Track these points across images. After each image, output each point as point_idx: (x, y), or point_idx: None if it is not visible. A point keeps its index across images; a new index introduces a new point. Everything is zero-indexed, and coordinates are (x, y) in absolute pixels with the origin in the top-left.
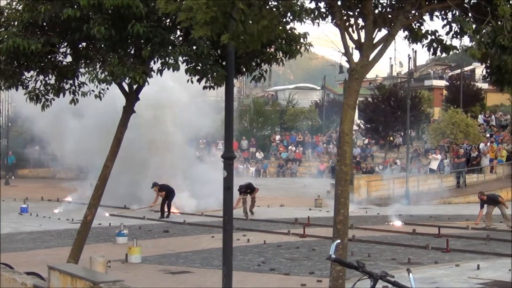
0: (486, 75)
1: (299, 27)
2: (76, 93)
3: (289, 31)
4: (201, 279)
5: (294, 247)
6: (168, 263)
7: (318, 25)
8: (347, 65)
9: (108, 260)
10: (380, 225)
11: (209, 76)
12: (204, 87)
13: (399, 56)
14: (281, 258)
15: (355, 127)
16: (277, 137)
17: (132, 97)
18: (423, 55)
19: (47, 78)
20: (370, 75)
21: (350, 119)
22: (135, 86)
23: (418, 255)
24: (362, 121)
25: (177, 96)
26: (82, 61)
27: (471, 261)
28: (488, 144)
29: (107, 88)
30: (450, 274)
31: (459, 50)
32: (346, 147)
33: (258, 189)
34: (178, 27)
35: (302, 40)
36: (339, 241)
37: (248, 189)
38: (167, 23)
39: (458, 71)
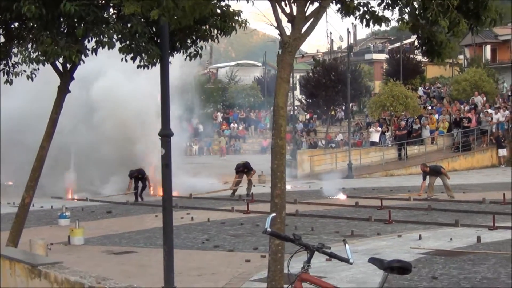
0: (418, 46)
1: (234, 4)
2: (10, 74)
3: (224, 8)
4: (144, 258)
5: (238, 224)
6: (111, 244)
7: (253, 3)
8: None
9: (50, 243)
10: (323, 199)
11: (143, 54)
12: (139, 66)
13: (338, 31)
14: (225, 235)
15: (297, 103)
16: (219, 115)
17: (66, 77)
18: (363, 30)
19: None
20: (311, 50)
21: (284, 92)
22: (69, 66)
23: (361, 227)
24: (303, 96)
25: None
26: (15, 41)
27: (413, 231)
28: (429, 116)
29: (38, 69)
30: (392, 245)
31: (390, 22)
32: (281, 120)
33: (255, 170)
34: (111, 4)
35: (236, 17)
36: (274, 214)
37: (245, 169)
38: (100, 1)
39: (398, 44)
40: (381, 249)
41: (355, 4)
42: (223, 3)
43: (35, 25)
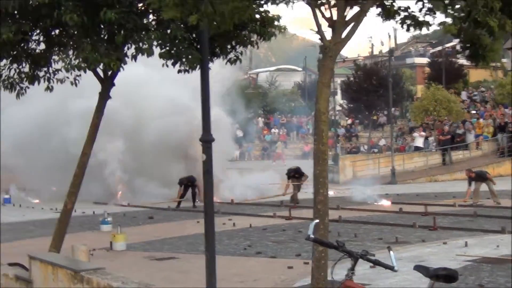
0: (461, 49)
1: (274, 9)
2: (51, 80)
3: (263, 14)
4: (186, 265)
5: (280, 230)
6: (153, 250)
7: (292, 7)
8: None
9: (92, 249)
10: (367, 205)
11: (183, 59)
12: (179, 71)
13: (379, 35)
14: (267, 241)
15: (338, 108)
16: (260, 120)
17: (107, 83)
18: (404, 34)
19: (20, 67)
20: (352, 54)
21: (325, 97)
22: (110, 72)
23: (405, 234)
24: (345, 101)
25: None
26: (56, 48)
27: (459, 238)
28: (474, 120)
29: (80, 75)
30: (437, 252)
31: (431, 26)
32: (322, 125)
33: (307, 176)
34: (150, 11)
35: (276, 22)
36: (317, 220)
37: (296, 174)
38: (139, 8)
39: (440, 48)
40: (426, 256)
41: (395, 9)
42: (262, 9)
43: (76, 32)
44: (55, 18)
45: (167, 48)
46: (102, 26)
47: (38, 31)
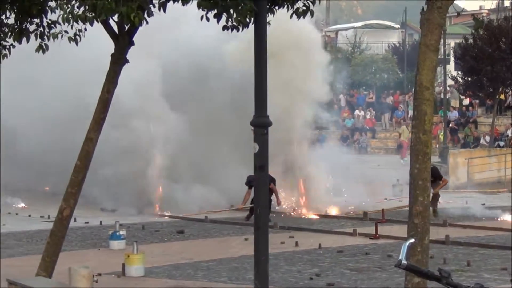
0: None
1: None
2: (45, 37)
3: None
4: None
5: (362, 253)
6: (182, 277)
7: None
8: None
9: (97, 273)
10: (487, 222)
11: (231, 11)
12: (225, 27)
13: None
14: (343, 268)
15: (450, 82)
16: (342, 97)
17: (123, 42)
18: None
19: (3, 17)
20: (472, 6)
21: (430, 66)
22: (127, 26)
23: None
24: (459, 72)
25: None
26: None
27: None
28: None
29: (85, 29)
30: None
31: None
32: (425, 106)
33: (446, 180)
34: None
35: None
36: (412, 240)
37: (431, 177)
38: None
39: None
40: None
41: None
42: None
43: None
44: None
45: None
46: None
47: None
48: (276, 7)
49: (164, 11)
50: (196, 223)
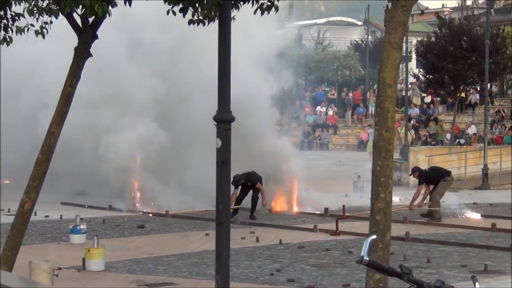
0: None
1: None
2: (10, 30)
3: None
4: None
5: (323, 249)
6: (143, 272)
7: None
8: None
9: (57, 267)
10: (446, 218)
11: (196, 5)
12: (190, 21)
13: None
14: (303, 264)
15: (412, 79)
16: (308, 94)
17: (87, 35)
18: None
19: None
20: (435, 4)
21: (393, 64)
22: (91, 19)
23: (498, 260)
24: (421, 70)
25: None
26: None
27: None
28: None
29: (51, 22)
30: None
31: None
32: (388, 103)
33: (452, 178)
34: None
35: None
36: (374, 237)
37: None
38: None
39: None
40: None
41: None
42: None
43: None
44: None
45: None
46: None
47: None
48: (241, 2)
49: (130, 4)
50: (157, 218)
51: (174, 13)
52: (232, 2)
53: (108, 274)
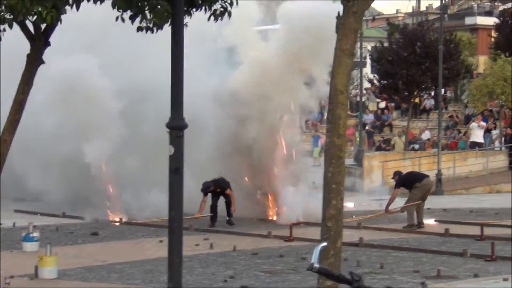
0: None
1: None
2: None
3: None
4: None
5: (277, 256)
6: (96, 279)
7: None
8: None
9: (9, 276)
10: (399, 223)
11: (146, 12)
12: (139, 29)
13: None
14: (257, 270)
15: (366, 85)
16: None
17: (39, 42)
18: None
19: None
20: (388, 10)
21: (345, 70)
22: (43, 26)
23: (451, 265)
24: (375, 75)
25: None
26: None
27: None
28: None
29: (4, 30)
30: None
31: None
32: (339, 110)
33: (431, 181)
34: None
35: None
36: (324, 244)
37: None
38: None
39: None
40: None
41: None
42: None
43: None
44: None
45: None
46: None
47: None
48: (194, 9)
49: (77, 9)
50: (111, 226)
51: (123, 20)
52: (185, 9)
53: (61, 282)
